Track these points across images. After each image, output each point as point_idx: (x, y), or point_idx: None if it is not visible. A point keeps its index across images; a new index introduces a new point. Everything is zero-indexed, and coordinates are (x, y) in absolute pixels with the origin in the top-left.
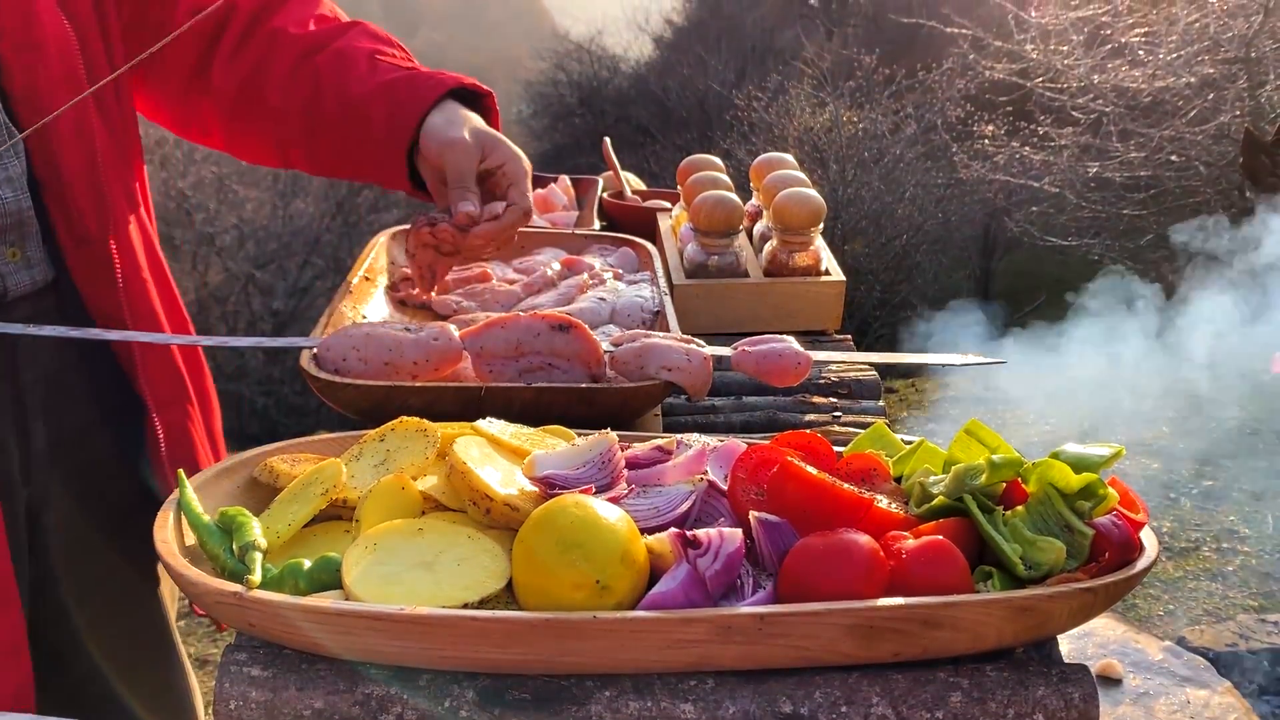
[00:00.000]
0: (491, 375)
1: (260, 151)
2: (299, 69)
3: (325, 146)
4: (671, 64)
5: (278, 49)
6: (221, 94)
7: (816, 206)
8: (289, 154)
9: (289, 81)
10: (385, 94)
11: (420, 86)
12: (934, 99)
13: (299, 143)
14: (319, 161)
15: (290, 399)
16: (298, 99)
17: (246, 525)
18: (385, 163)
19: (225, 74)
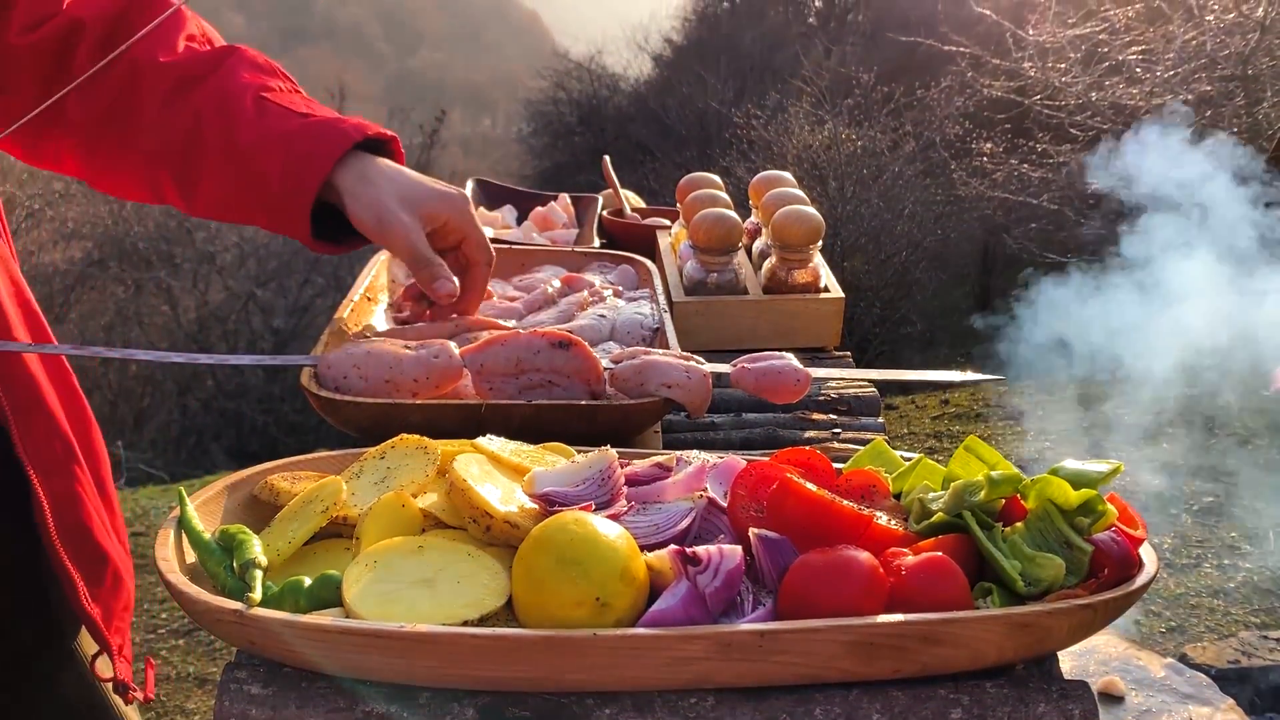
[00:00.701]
0: (492, 392)
1: (127, 189)
2: (173, 105)
3: (207, 192)
4: (671, 82)
5: (144, 81)
6: (78, 127)
7: (815, 224)
8: (163, 193)
9: (162, 120)
10: (281, 146)
11: (321, 139)
12: (932, 116)
13: (174, 184)
14: (198, 206)
15: (290, 417)
16: (176, 139)
17: (247, 543)
18: (281, 217)
19: (82, 106)
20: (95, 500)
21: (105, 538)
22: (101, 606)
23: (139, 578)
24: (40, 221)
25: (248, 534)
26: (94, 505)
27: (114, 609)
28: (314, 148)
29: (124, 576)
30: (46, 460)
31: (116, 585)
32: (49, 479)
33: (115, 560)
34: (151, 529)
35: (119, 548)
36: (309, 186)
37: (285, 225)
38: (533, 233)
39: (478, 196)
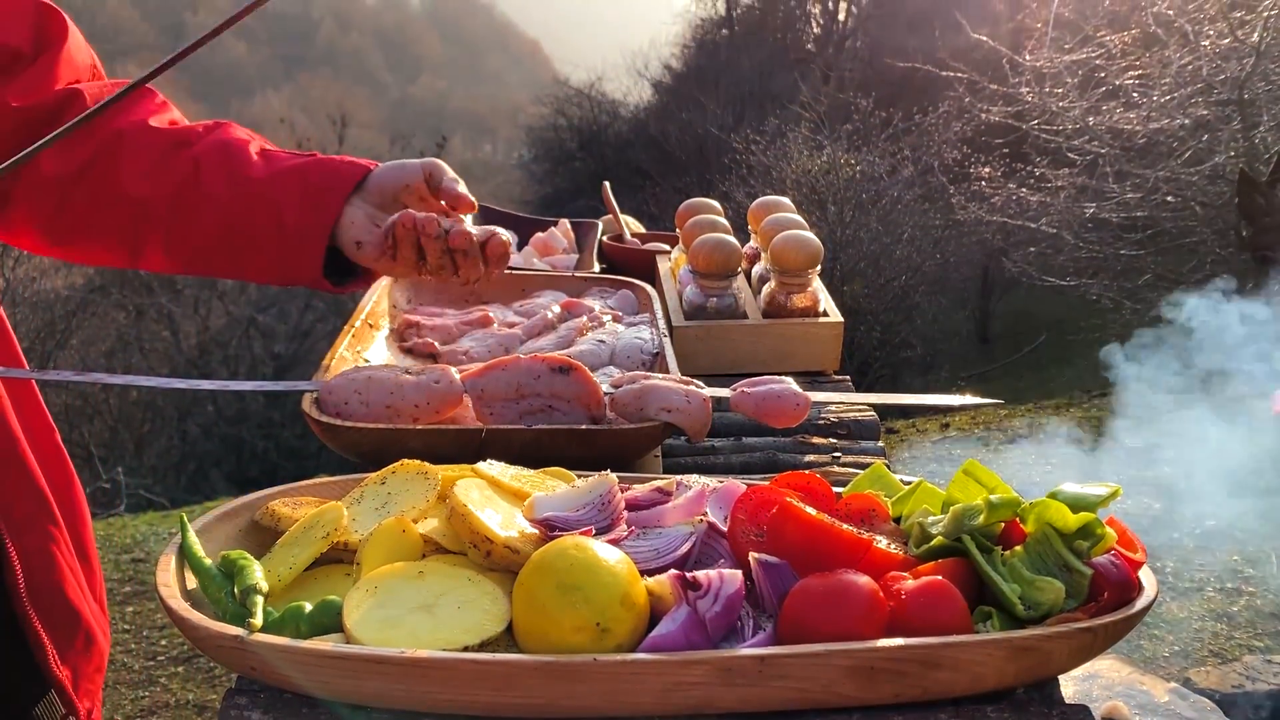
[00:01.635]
0: (492, 417)
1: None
2: (169, 159)
3: (202, 234)
4: (670, 109)
5: (132, 143)
6: (51, 180)
7: (814, 249)
8: (141, 249)
9: (157, 170)
10: (296, 177)
11: (336, 171)
12: (930, 141)
13: (158, 237)
14: (187, 258)
15: (290, 442)
16: (168, 187)
17: (248, 569)
18: (292, 251)
19: (59, 159)
20: (70, 559)
21: (79, 597)
22: (71, 668)
23: (138, 604)
24: None
25: (249, 560)
26: (69, 564)
27: (85, 670)
28: (329, 179)
29: (97, 638)
30: (19, 516)
31: (88, 646)
32: (20, 536)
33: (89, 621)
34: (151, 555)
35: (94, 607)
36: (329, 209)
37: (294, 259)
38: (533, 258)
39: (478, 222)
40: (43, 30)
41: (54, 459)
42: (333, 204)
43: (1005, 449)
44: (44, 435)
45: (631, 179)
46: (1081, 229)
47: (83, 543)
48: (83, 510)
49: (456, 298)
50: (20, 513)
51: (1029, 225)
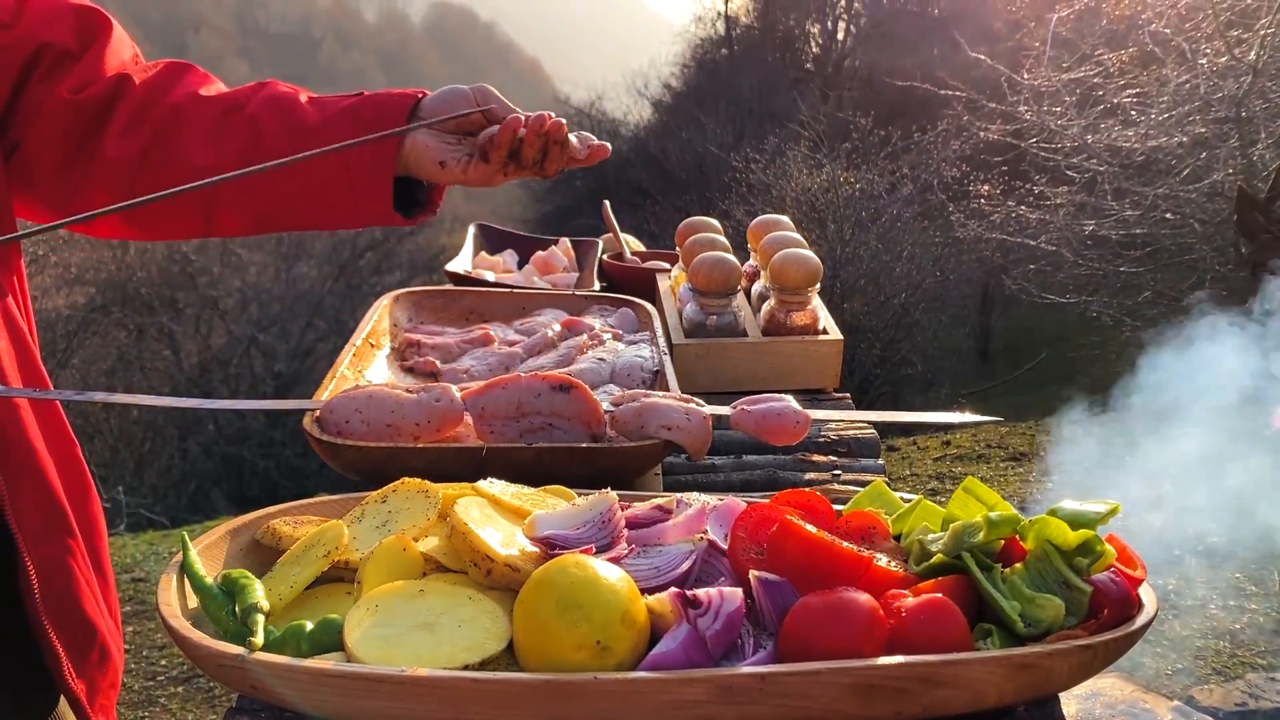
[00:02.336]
0: (493, 436)
1: (172, 220)
2: (226, 123)
3: (272, 193)
4: (670, 127)
5: (188, 114)
6: (117, 164)
7: (813, 267)
8: (214, 215)
9: (216, 136)
10: (349, 116)
11: (385, 104)
12: (929, 159)
13: (230, 199)
14: (259, 214)
15: (291, 461)
16: (233, 150)
17: (249, 587)
18: (361, 190)
19: (120, 144)
20: (87, 571)
21: (95, 611)
22: (86, 682)
23: (138, 624)
24: (45, 267)
25: (250, 579)
26: (85, 576)
27: (100, 685)
28: (382, 114)
29: (112, 652)
30: (36, 527)
31: (104, 660)
32: (37, 546)
33: (104, 634)
34: (151, 575)
35: (109, 621)
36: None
37: (364, 197)
38: (534, 276)
39: (480, 241)
40: (86, 27)
41: (73, 471)
42: (390, 138)
43: (1007, 466)
44: (64, 447)
45: (632, 197)
46: (1081, 246)
47: (99, 557)
48: (99, 524)
49: (457, 316)
50: (37, 523)
51: (1028, 243)
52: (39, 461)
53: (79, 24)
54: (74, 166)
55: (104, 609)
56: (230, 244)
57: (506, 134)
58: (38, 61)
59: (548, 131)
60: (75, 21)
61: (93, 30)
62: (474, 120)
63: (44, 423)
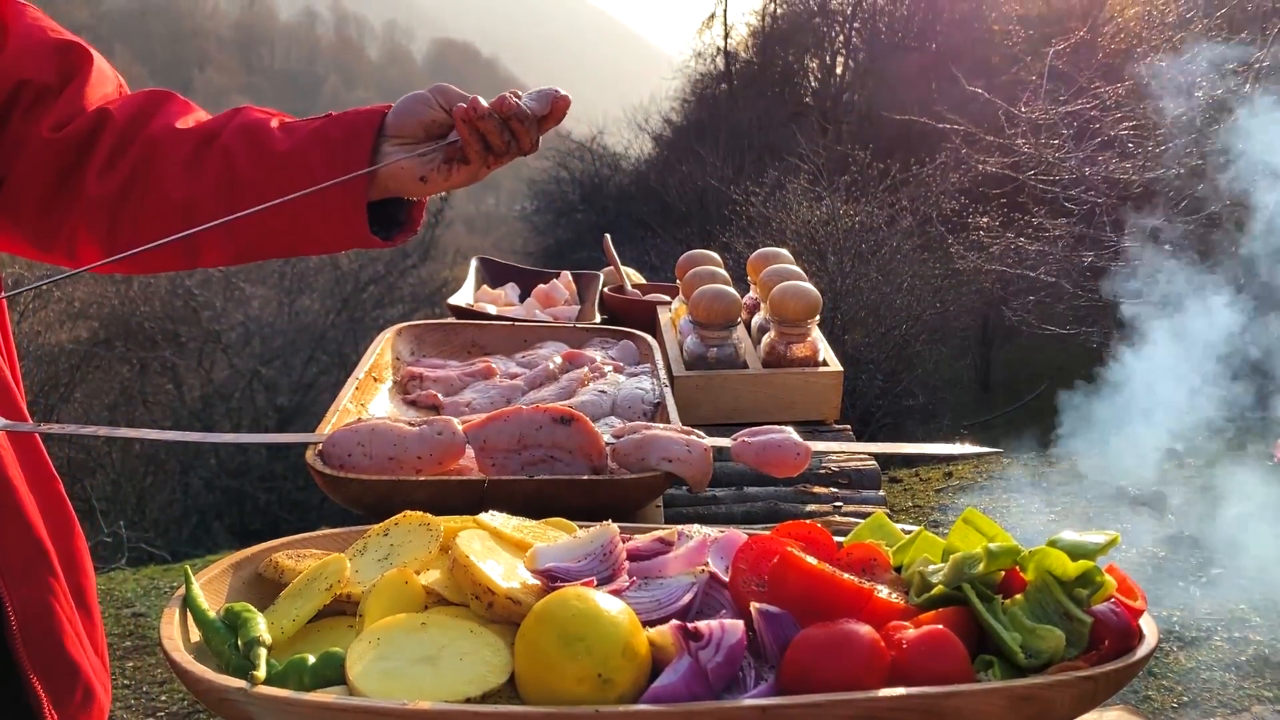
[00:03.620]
0: (494, 468)
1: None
2: (200, 155)
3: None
4: (671, 161)
5: (164, 146)
6: (98, 201)
7: (813, 299)
8: (196, 250)
9: (192, 169)
10: (317, 141)
11: (353, 123)
12: (928, 192)
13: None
14: (238, 242)
15: (293, 495)
16: (208, 182)
17: (252, 621)
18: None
19: (100, 182)
20: (70, 611)
21: (78, 650)
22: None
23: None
24: (48, 302)
25: (252, 612)
26: (67, 616)
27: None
28: (348, 132)
29: (96, 692)
30: (16, 567)
31: (87, 701)
32: (17, 586)
33: (88, 674)
34: (153, 610)
35: (94, 660)
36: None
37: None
38: (535, 309)
39: (482, 275)
40: (67, 62)
41: (55, 508)
42: (359, 155)
43: (1009, 497)
44: (45, 484)
45: (633, 230)
46: (1080, 278)
47: (83, 594)
48: (84, 561)
49: (459, 349)
50: (17, 562)
51: (1028, 274)
52: (18, 499)
53: (59, 60)
54: (56, 204)
55: (88, 648)
56: (233, 278)
57: (464, 129)
58: (17, 99)
59: (500, 111)
60: (56, 58)
61: (73, 66)
62: (443, 122)
63: (24, 460)
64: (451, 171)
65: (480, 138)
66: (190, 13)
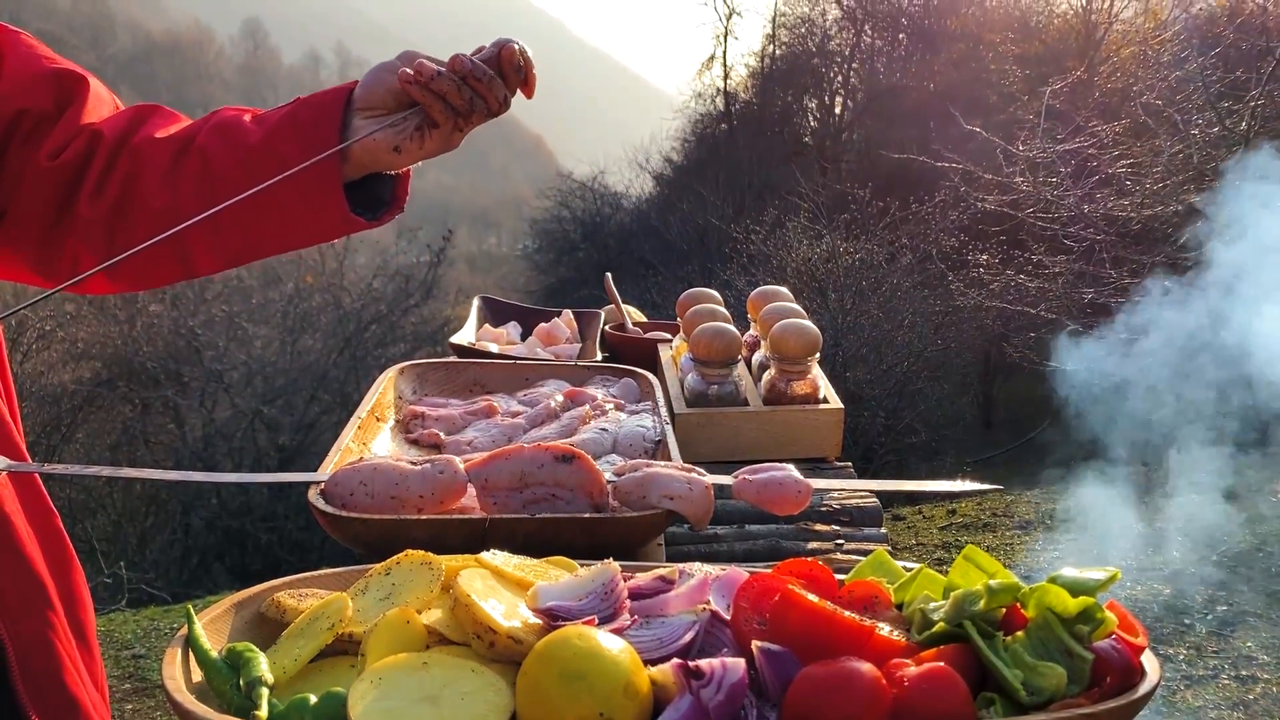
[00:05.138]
0: (496, 507)
1: (151, 270)
2: (178, 162)
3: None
4: (671, 200)
5: (146, 158)
6: (92, 223)
7: (812, 336)
8: (190, 254)
9: (170, 177)
10: (288, 126)
11: (320, 103)
12: (928, 229)
13: (199, 239)
14: (228, 244)
15: (294, 535)
16: (188, 187)
17: (254, 661)
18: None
19: (93, 204)
20: (69, 645)
21: (78, 686)
22: None
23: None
24: (51, 342)
25: (255, 652)
26: (67, 651)
27: None
28: (317, 112)
29: None
30: (14, 602)
31: None
32: (15, 622)
33: (87, 710)
34: (152, 651)
35: (94, 696)
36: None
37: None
38: (537, 348)
39: (484, 314)
40: (63, 89)
41: (54, 544)
42: (329, 133)
43: (1013, 535)
44: (42, 519)
45: (634, 268)
46: (1081, 314)
47: (82, 628)
48: (83, 597)
49: (461, 387)
50: (15, 598)
51: (1028, 310)
52: (16, 535)
53: (56, 87)
54: (57, 231)
55: (88, 684)
56: (237, 319)
57: (418, 93)
58: (16, 129)
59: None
60: (53, 85)
61: (70, 92)
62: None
63: (23, 496)
64: (424, 139)
65: (439, 99)
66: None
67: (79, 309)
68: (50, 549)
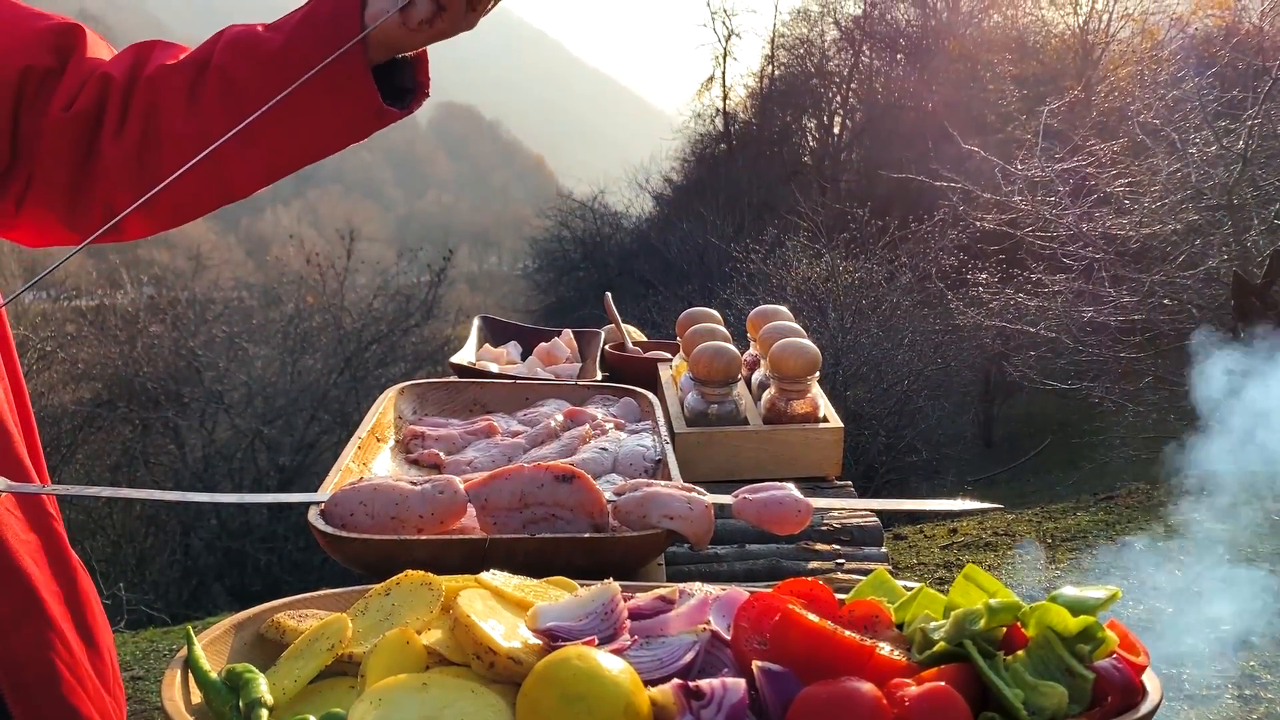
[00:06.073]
0: (496, 527)
1: (190, 198)
2: (197, 85)
3: (268, 132)
4: (671, 219)
5: (163, 87)
6: (120, 162)
7: (812, 355)
8: (226, 175)
9: (193, 100)
10: (306, 24)
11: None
12: (927, 248)
13: (232, 154)
14: (264, 157)
15: (294, 555)
16: (212, 107)
17: (253, 682)
18: (344, 87)
19: (117, 143)
20: (69, 657)
21: (78, 696)
22: None
23: None
24: (52, 363)
25: (254, 673)
26: (66, 663)
27: None
28: (335, 5)
29: None
30: (4, 617)
31: None
32: (6, 637)
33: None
34: (152, 672)
35: (104, 702)
36: (350, 24)
37: (348, 94)
38: (537, 367)
39: (484, 334)
40: (61, 42)
41: (53, 550)
42: (350, 27)
43: (1014, 554)
44: (40, 527)
45: (635, 288)
46: (1080, 333)
47: (91, 633)
48: (89, 600)
49: (461, 407)
50: (4, 612)
51: (1028, 329)
52: (8, 550)
53: (54, 41)
54: (85, 178)
55: (93, 692)
56: (238, 340)
57: None
58: (23, 89)
59: None
60: (51, 39)
61: (68, 42)
62: None
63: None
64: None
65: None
66: None
67: (80, 329)
68: (50, 556)
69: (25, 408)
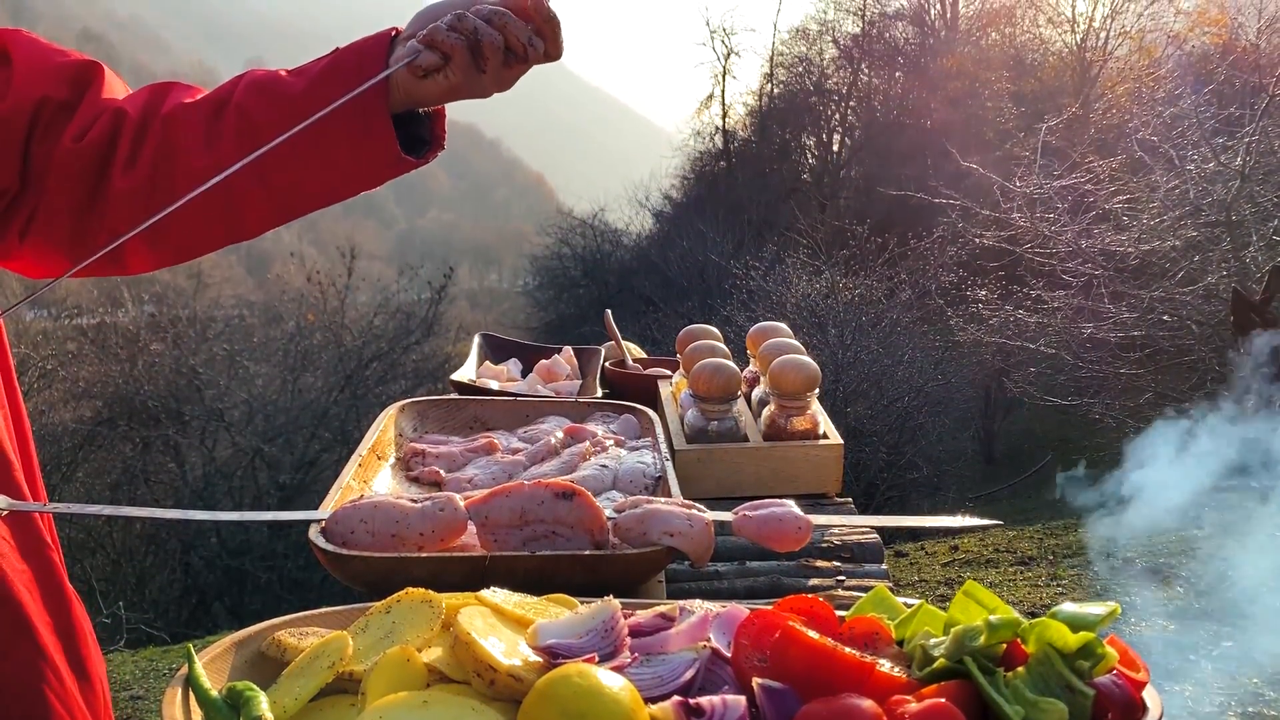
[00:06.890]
0: (496, 544)
1: (196, 233)
2: (215, 122)
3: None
4: (671, 236)
5: (179, 123)
6: (130, 194)
7: (811, 372)
8: (237, 213)
9: (210, 137)
10: (331, 73)
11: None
12: (926, 265)
13: (244, 192)
14: (276, 197)
15: (293, 574)
16: (229, 144)
17: (254, 700)
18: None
19: (127, 175)
20: (59, 685)
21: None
22: None
23: None
24: (53, 382)
25: (255, 691)
26: (56, 693)
27: None
28: (360, 57)
29: None
30: None
31: None
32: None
33: None
34: (151, 692)
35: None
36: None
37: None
38: (537, 384)
39: (484, 351)
40: (78, 76)
41: (46, 578)
42: (375, 72)
43: (1015, 570)
44: (35, 554)
45: (635, 305)
46: (1080, 349)
47: (83, 664)
48: (82, 629)
49: (461, 425)
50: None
51: (1028, 346)
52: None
53: (73, 75)
54: (92, 209)
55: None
56: (238, 357)
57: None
58: (38, 118)
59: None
60: (70, 73)
61: (85, 77)
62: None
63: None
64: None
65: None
66: None
67: (81, 348)
68: (43, 585)
69: (24, 431)
